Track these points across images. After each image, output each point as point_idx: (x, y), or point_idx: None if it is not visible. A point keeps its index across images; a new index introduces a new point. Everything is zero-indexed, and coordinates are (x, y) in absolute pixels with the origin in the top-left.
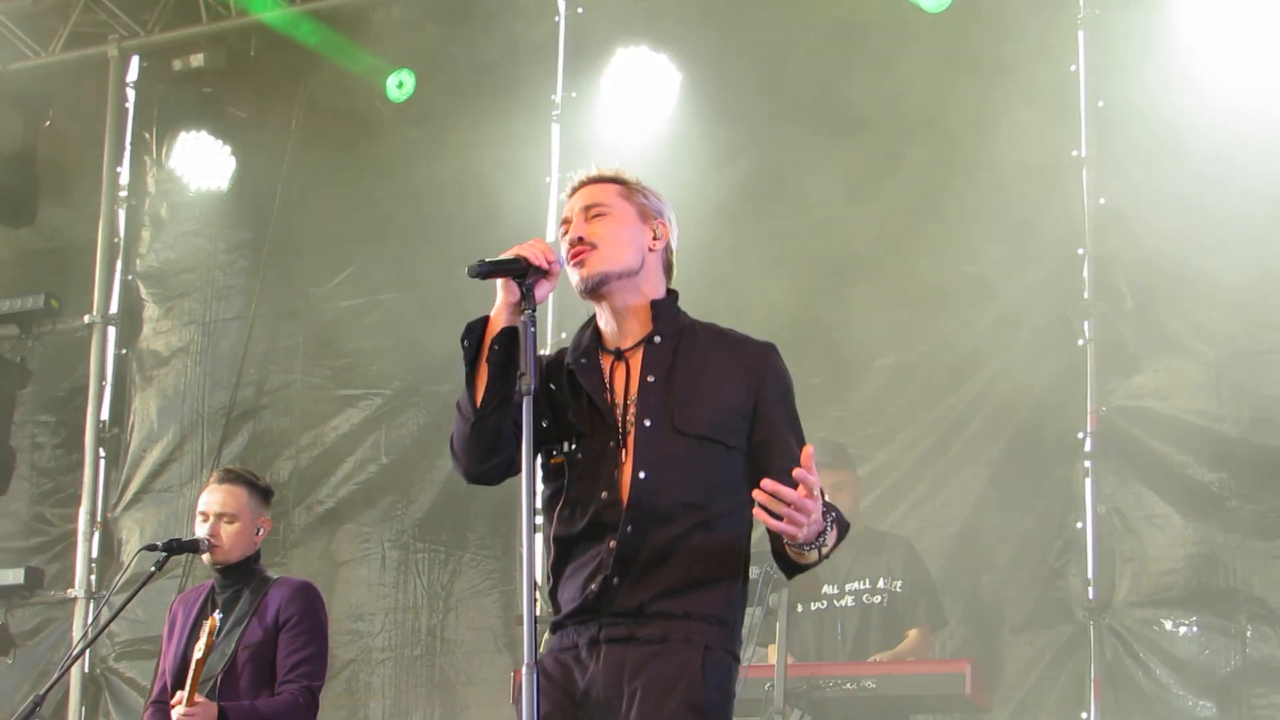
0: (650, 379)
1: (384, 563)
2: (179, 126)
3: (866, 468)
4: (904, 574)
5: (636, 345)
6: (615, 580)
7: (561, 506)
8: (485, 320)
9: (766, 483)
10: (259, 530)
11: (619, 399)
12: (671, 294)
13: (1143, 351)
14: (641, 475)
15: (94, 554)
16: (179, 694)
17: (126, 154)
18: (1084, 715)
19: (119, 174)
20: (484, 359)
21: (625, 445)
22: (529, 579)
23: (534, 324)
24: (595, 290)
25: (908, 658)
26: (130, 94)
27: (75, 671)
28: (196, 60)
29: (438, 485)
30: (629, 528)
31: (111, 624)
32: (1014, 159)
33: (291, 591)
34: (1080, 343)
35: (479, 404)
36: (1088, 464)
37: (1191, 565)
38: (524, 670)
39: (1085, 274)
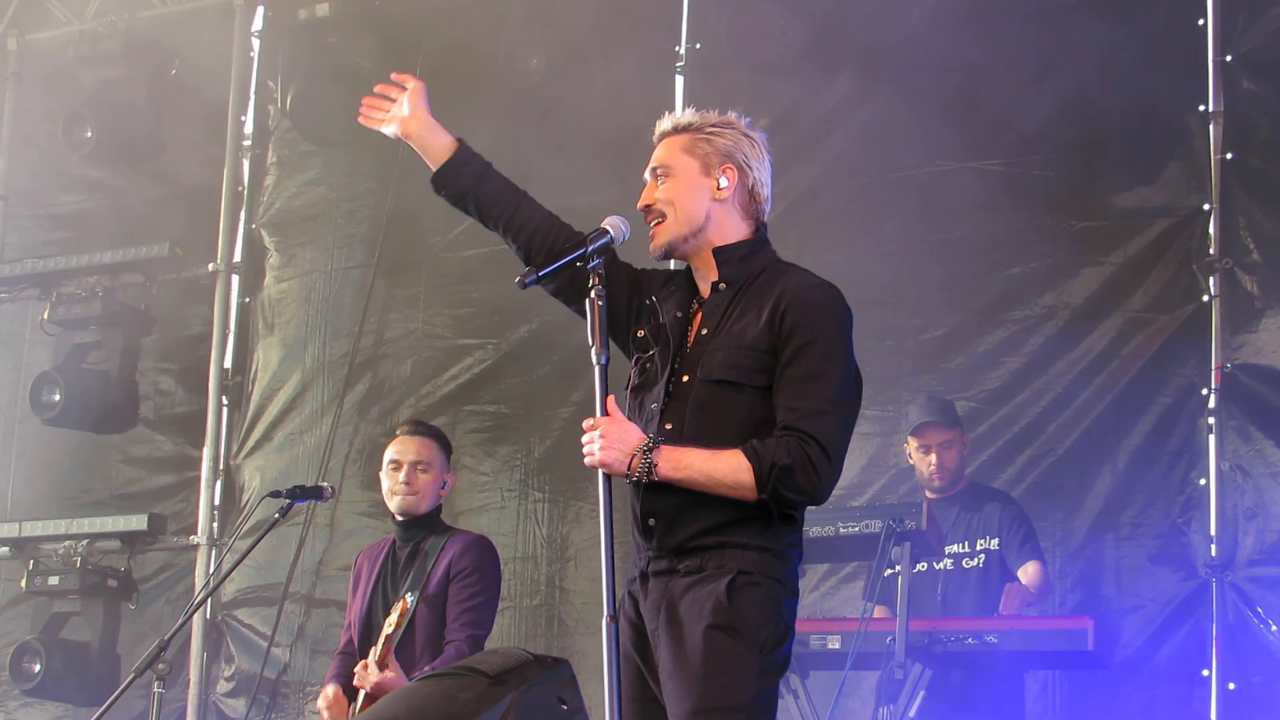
0: (704, 332)
1: (503, 512)
2: (303, 76)
3: (986, 422)
4: (1001, 527)
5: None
6: (651, 522)
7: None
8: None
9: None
10: (445, 484)
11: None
12: (748, 238)
13: (1268, 307)
14: (668, 427)
15: (216, 501)
16: (370, 655)
17: (251, 103)
18: (1205, 672)
19: (243, 123)
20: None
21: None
22: (607, 534)
23: (604, 299)
24: (668, 258)
25: (1034, 589)
26: (255, 43)
27: (197, 617)
28: (322, 9)
29: (557, 435)
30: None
31: (233, 570)
32: (1141, 113)
33: (465, 544)
34: (1205, 298)
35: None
36: (1211, 420)
37: None
38: (604, 622)
39: (1211, 230)
